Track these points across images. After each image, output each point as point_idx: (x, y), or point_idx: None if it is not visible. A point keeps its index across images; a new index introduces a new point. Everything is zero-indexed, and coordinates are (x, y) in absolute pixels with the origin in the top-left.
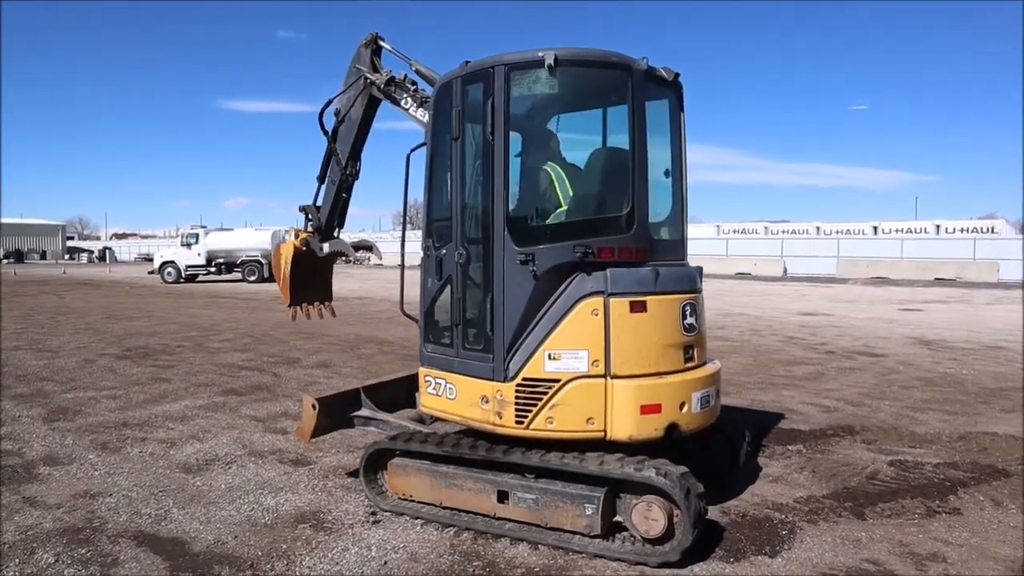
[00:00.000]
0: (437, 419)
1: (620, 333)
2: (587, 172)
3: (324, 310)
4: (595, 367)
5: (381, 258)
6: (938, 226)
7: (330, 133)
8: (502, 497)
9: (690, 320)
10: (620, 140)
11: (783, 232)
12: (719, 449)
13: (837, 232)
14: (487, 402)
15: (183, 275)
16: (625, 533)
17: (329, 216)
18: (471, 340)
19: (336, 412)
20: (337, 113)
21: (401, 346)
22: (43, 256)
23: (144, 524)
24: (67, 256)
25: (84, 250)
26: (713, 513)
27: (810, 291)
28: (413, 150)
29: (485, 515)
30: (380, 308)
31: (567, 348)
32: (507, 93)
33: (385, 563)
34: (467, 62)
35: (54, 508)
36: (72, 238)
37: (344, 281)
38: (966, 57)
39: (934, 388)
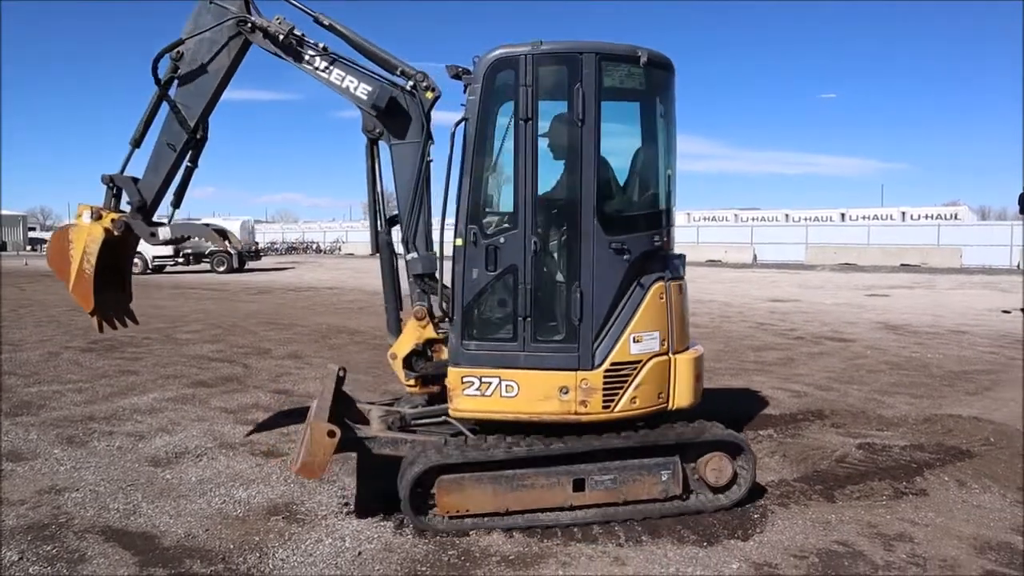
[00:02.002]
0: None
1: (676, 313)
2: (643, 167)
3: (125, 316)
4: (662, 346)
5: (237, 243)
6: (904, 213)
7: (162, 83)
8: (577, 486)
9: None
10: (617, 133)
11: (753, 219)
12: None
13: (806, 219)
14: (567, 392)
15: (150, 266)
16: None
17: (160, 190)
18: (546, 331)
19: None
20: (178, 58)
21: (373, 336)
22: (3, 247)
23: (112, 519)
24: (29, 247)
25: (47, 241)
26: None
27: (779, 277)
28: (457, 124)
29: (559, 508)
30: (351, 298)
31: (647, 330)
32: (599, 81)
33: (359, 553)
34: (541, 42)
35: (17, 504)
36: (34, 229)
37: (314, 271)
38: (935, 46)
39: (900, 372)
